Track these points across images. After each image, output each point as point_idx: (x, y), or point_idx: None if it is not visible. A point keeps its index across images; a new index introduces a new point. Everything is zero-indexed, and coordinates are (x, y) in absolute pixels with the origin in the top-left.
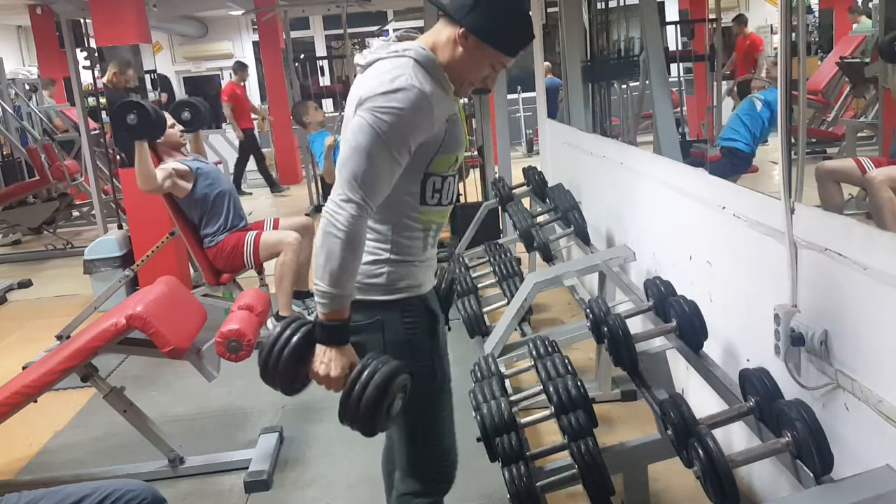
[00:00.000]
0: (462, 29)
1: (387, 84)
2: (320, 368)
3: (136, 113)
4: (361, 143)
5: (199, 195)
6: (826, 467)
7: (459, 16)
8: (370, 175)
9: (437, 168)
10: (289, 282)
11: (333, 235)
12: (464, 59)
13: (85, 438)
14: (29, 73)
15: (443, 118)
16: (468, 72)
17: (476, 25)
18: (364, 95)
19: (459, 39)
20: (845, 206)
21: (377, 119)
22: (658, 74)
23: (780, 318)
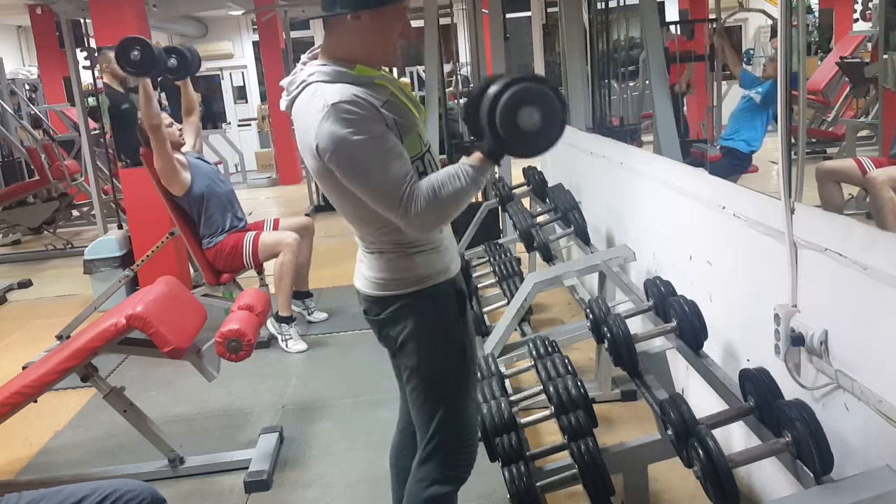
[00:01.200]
0: (349, 14)
1: (316, 129)
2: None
3: (140, 49)
4: (363, 178)
5: (196, 193)
6: (826, 467)
7: (339, 7)
8: (394, 177)
9: (411, 151)
10: (288, 282)
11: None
12: (374, 35)
13: (85, 438)
14: (29, 73)
15: (377, 107)
16: (386, 42)
17: (356, 1)
18: (319, 145)
19: (355, 23)
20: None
21: (343, 154)
22: (658, 74)
23: (780, 318)
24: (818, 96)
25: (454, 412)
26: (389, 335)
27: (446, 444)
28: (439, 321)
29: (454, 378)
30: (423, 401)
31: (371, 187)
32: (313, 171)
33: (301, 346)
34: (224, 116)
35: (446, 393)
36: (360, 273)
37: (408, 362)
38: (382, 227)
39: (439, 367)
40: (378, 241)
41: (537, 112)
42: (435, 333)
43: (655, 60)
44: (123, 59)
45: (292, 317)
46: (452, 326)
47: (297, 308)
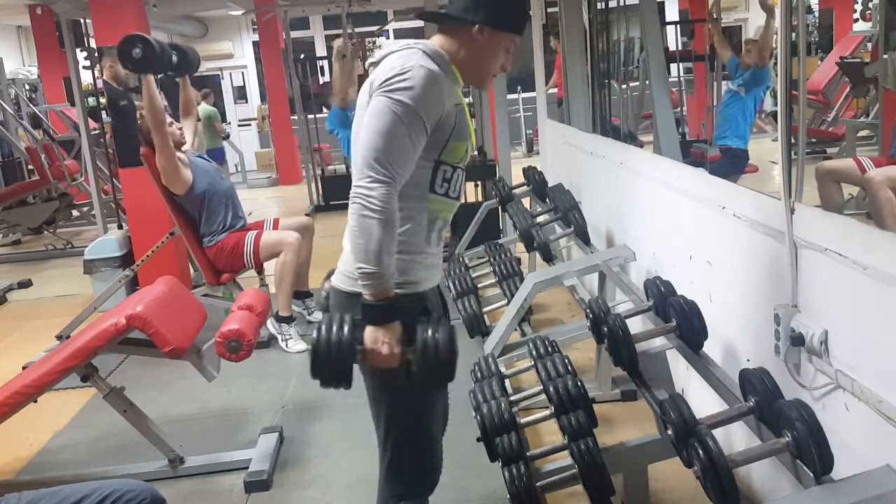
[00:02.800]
0: (477, 26)
1: (397, 68)
2: (382, 348)
3: (142, 47)
4: (378, 124)
5: (197, 192)
6: (826, 467)
7: (471, 15)
8: (391, 152)
9: (449, 157)
10: (289, 282)
11: (368, 216)
12: (482, 52)
13: (85, 438)
14: (29, 73)
15: (451, 101)
16: (489, 63)
17: (489, 18)
18: (376, 81)
19: (476, 36)
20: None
21: (389, 99)
22: (658, 74)
23: (780, 318)
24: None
25: (406, 434)
26: None
27: (401, 463)
28: None
29: (405, 402)
30: (377, 418)
31: (371, 142)
32: (359, 103)
33: (301, 346)
34: (224, 116)
35: (396, 415)
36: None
37: (363, 374)
38: None
39: (387, 389)
40: None
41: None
42: None
43: (655, 60)
44: (125, 57)
45: (292, 317)
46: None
47: (297, 308)
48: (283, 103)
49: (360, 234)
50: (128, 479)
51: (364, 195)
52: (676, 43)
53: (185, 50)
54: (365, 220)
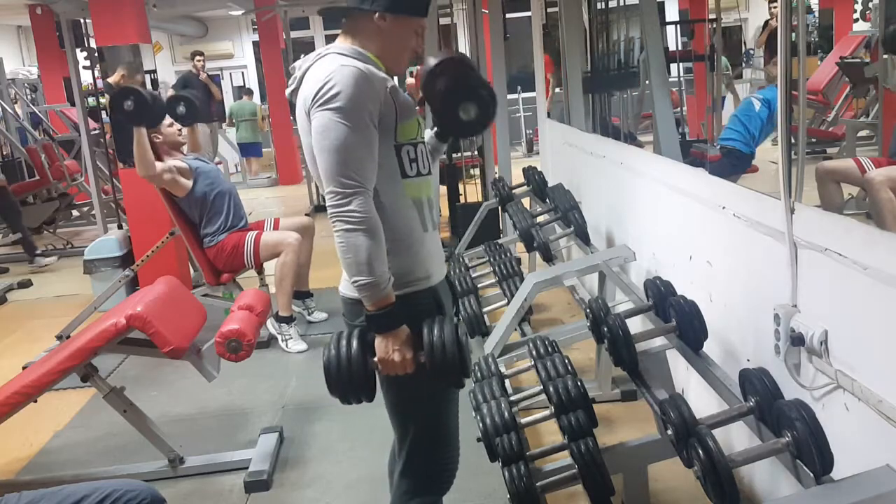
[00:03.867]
0: (377, 13)
1: (322, 79)
2: (394, 356)
3: (134, 99)
4: (328, 140)
5: (198, 194)
6: (826, 467)
7: (368, 4)
8: (351, 161)
9: (404, 136)
10: (289, 282)
11: (352, 231)
12: (390, 38)
13: (85, 438)
14: (29, 73)
15: (382, 86)
16: (399, 48)
17: (387, 3)
18: (308, 99)
19: (379, 23)
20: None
21: (327, 111)
22: (658, 74)
23: (780, 318)
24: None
25: (427, 430)
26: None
27: (421, 460)
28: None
29: (426, 398)
30: (394, 417)
31: (330, 159)
32: (300, 125)
33: (301, 346)
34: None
35: (417, 412)
36: None
37: (380, 375)
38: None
39: (409, 387)
40: None
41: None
42: None
43: (655, 60)
44: (117, 109)
45: (292, 317)
46: None
47: (297, 308)
48: (283, 103)
49: (348, 249)
50: (128, 479)
51: (340, 212)
52: (676, 43)
53: (192, 100)
54: (348, 234)
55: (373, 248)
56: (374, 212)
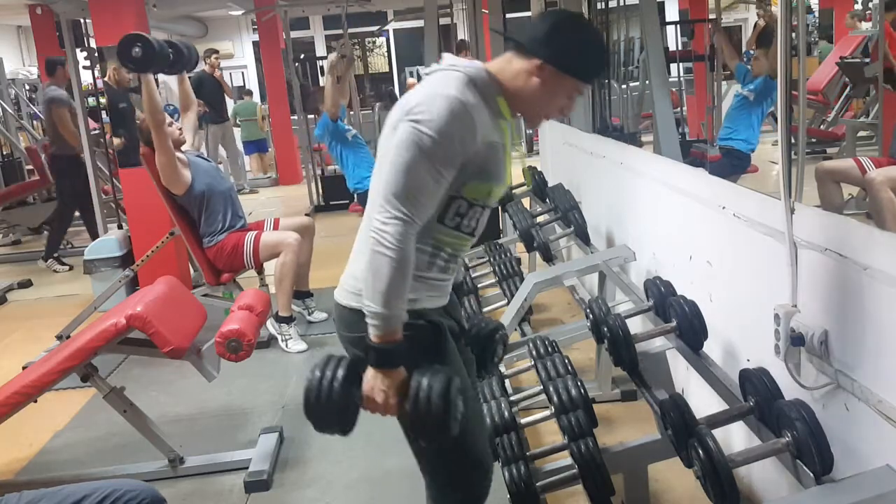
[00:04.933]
0: (539, 61)
1: (430, 95)
2: (378, 396)
3: (141, 46)
4: (400, 157)
5: (197, 192)
6: (826, 467)
7: (535, 49)
8: (411, 188)
9: (469, 193)
10: (289, 282)
11: (381, 254)
12: (540, 90)
13: (85, 438)
14: (29, 73)
15: (485, 137)
16: (545, 103)
17: (554, 57)
18: (407, 106)
19: (536, 71)
20: (845, 206)
21: (416, 131)
22: (658, 74)
23: (780, 318)
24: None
25: (454, 468)
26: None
27: (450, 472)
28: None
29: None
30: (413, 447)
31: (392, 176)
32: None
33: (301, 346)
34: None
35: (438, 453)
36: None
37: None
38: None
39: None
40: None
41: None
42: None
43: (655, 60)
44: (125, 57)
45: (292, 317)
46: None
47: (297, 308)
48: (283, 103)
49: (372, 270)
50: (128, 479)
51: (379, 230)
52: (676, 43)
53: (181, 47)
54: (377, 256)
55: (395, 280)
56: (411, 246)
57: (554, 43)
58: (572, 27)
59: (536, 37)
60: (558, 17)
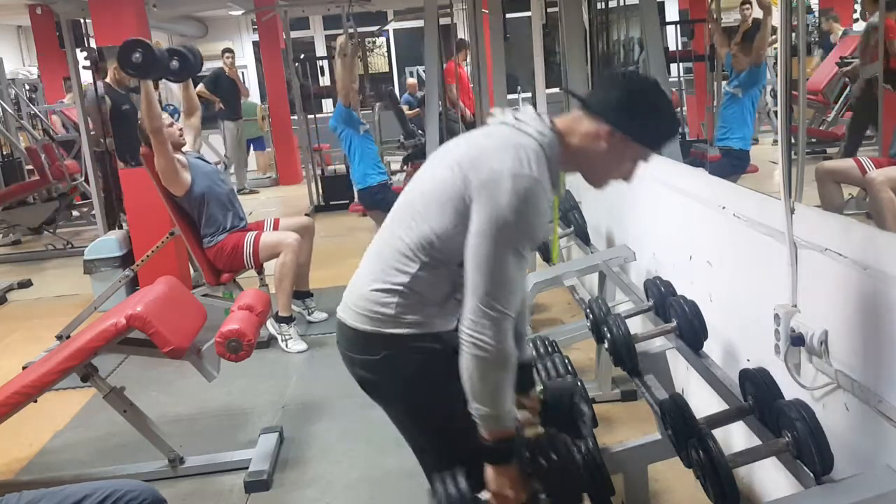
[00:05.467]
0: (609, 127)
1: (507, 171)
2: (507, 492)
3: (142, 52)
4: (486, 252)
5: (197, 193)
6: (826, 467)
7: (606, 114)
8: (502, 284)
9: None
10: (289, 283)
11: (483, 359)
12: (607, 154)
13: (85, 438)
14: (29, 73)
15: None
16: (611, 168)
17: (625, 123)
18: (482, 164)
19: (605, 136)
20: (845, 206)
21: (497, 220)
22: (658, 74)
23: (780, 318)
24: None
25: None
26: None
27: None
28: (420, 370)
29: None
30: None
31: (481, 271)
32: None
33: (301, 346)
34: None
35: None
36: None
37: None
38: (410, 259)
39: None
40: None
41: None
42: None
43: (655, 60)
44: (125, 62)
45: (292, 317)
46: (438, 378)
47: (297, 308)
48: (283, 103)
49: (473, 374)
50: (128, 480)
51: (476, 333)
52: (676, 43)
53: (186, 53)
54: (480, 362)
55: (501, 380)
56: (509, 342)
57: (627, 110)
58: (646, 95)
59: (609, 102)
60: (632, 83)
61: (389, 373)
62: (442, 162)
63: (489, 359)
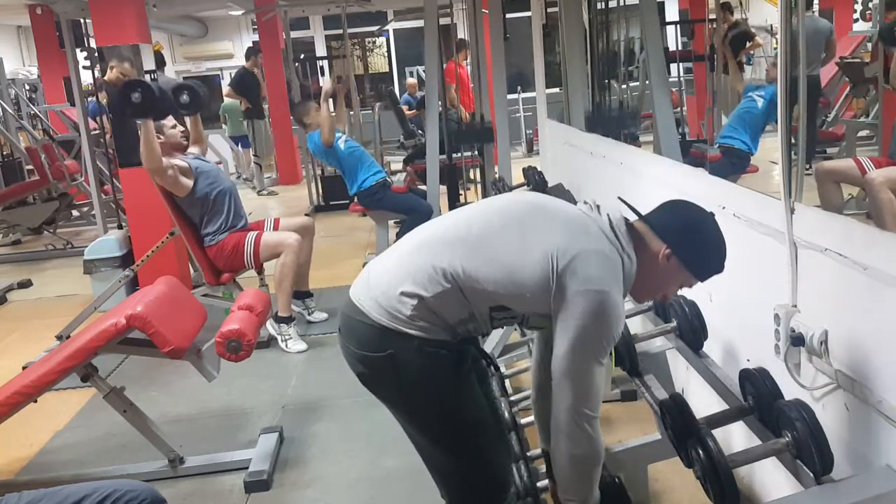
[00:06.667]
0: (668, 250)
1: (603, 286)
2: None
3: (141, 91)
4: (582, 368)
5: (199, 194)
6: (826, 467)
7: (668, 238)
8: (595, 394)
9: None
10: (289, 283)
11: (590, 457)
12: (660, 274)
13: (85, 438)
14: (29, 73)
15: None
16: (660, 286)
17: (682, 251)
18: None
19: (664, 257)
20: (845, 206)
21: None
22: (658, 74)
23: (780, 318)
24: None
25: (466, 468)
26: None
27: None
28: (424, 372)
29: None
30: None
31: (582, 382)
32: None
33: (301, 346)
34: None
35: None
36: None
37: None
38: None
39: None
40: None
41: None
42: (416, 387)
43: (655, 60)
44: (125, 102)
45: (292, 317)
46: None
47: (297, 308)
48: (283, 103)
49: (579, 473)
50: (128, 480)
51: (583, 435)
52: (676, 43)
53: (196, 88)
54: (586, 460)
55: (598, 473)
56: (600, 437)
57: (686, 238)
58: (707, 227)
59: (673, 228)
60: (696, 213)
61: (393, 371)
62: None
63: (598, 457)
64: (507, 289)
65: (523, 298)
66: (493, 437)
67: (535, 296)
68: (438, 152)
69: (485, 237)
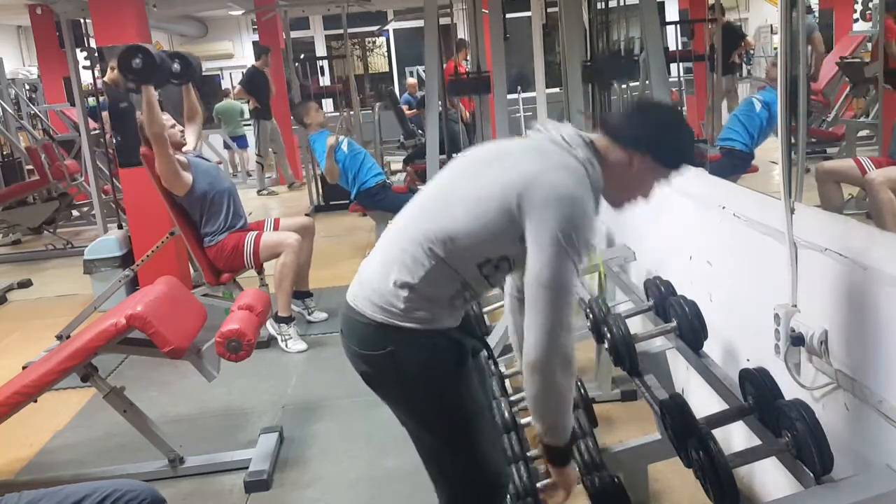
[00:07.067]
0: (639, 154)
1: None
2: (569, 487)
3: (142, 57)
4: (562, 273)
5: (198, 193)
6: (826, 467)
7: (636, 143)
8: (572, 302)
9: (518, 266)
10: (289, 283)
11: (569, 374)
12: (630, 177)
13: (85, 438)
14: (29, 73)
15: None
16: (636, 188)
17: (655, 150)
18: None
19: (635, 162)
20: (845, 206)
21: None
22: (658, 74)
23: (780, 318)
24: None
25: (463, 461)
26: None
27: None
28: (424, 367)
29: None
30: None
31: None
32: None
33: (301, 346)
34: None
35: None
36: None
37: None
38: (423, 256)
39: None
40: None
41: None
42: (415, 383)
43: (655, 60)
44: (125, 68)
45: (292, 317)
46: (442, 375)
47: (297, 308)
48: (283, 103)
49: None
50: (128, 479)
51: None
52: (676, 43)
53: (188, 57)
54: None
55: (570, 396)
56: (573, 352)
57: (655, 138)
58: (671, 122)
59: (637, 132)
60: (658, 111)
61: (394, 368)
62: (485, 164)
63: (573, 373)
64: (479, 235)
65: (498, 239)
66: (491, 436)
67: (506, 231)
68: (438, 152)
69: (446, 195)
